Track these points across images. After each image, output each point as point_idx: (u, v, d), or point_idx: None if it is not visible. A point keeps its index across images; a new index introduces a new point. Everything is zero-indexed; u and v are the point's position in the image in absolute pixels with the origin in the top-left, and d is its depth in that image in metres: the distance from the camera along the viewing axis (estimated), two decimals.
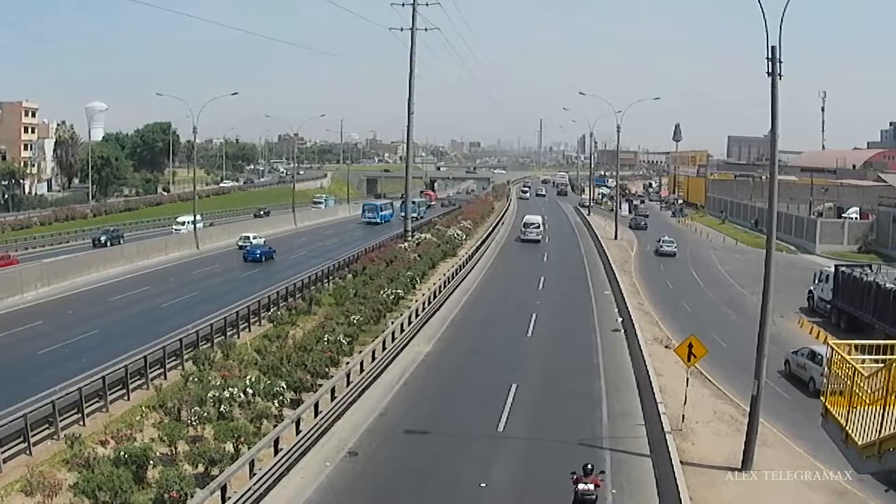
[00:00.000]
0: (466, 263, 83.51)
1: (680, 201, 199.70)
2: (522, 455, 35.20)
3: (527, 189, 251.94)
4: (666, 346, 54.14)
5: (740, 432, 36.15)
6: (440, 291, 66.60)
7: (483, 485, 31.29)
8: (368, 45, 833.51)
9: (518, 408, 40.93)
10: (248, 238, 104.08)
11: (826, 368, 24.13)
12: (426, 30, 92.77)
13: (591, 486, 27.58)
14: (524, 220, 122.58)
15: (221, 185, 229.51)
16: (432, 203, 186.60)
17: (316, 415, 35.60)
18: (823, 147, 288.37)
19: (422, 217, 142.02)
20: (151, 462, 29.94)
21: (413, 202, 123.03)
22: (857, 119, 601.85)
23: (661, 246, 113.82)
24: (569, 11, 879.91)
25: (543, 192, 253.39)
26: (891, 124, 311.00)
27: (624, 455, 35.37)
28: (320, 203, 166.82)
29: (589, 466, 28.11)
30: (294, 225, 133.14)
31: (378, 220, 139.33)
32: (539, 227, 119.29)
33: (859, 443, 20.15)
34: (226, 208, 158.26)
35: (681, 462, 32.31)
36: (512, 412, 40.13)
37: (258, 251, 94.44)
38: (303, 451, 32.76)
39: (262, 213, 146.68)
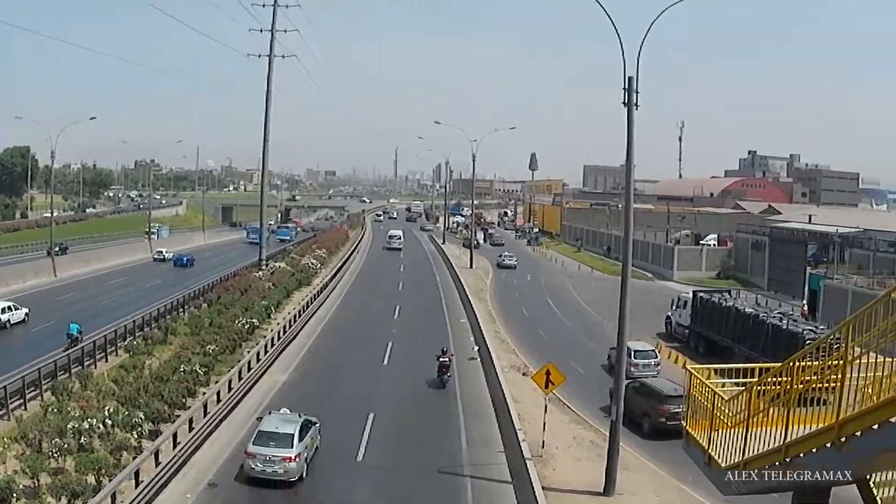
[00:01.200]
0: (321, 293, 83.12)
1: (535, 230, 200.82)
2: (382, 484, 34.85)
3: (381, 216, 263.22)
4: (523, 374, 54.10)
5: (601, 457, 36.33)
6: (295, 320, 66.08)
7: None
8: (224, 70, 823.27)
9: (376, 436, 40.70)
10: (162, 252, 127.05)
11: (685, 394, 24.20)
12: (283, 57, 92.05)
13: (446, 359, 52.23)
14: (389, 233, 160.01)
15: (88, 210, 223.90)
16: (298, 229, 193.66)
17: (175, 446, 34.84)
18: (681, 176, 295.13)
19: (292, 239, 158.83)
20: (14, 495, 29.05)
21: (286, 227, 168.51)
22: (715, 148, 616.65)
23: (503, 260, 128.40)
24: (428, 37, 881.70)
25: (395, 216, 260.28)
26: (749, 153, 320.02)
27: (485, 482, 35.31)
28: (154, 234, 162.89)
29: (444, 349, 54.37)
30: (150, 252, 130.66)
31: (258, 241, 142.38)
32: (400, 238, 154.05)
33: (723, 465, 20.18)
34: (82, 234, 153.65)
35: (543, 488, 32.32)
36: (370, 441, 39.91)
37: (184, 258, 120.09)
38: (163, 483, 32.05)
39: (58, 249, 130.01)
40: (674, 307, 78.35)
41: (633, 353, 56.20)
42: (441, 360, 52.04)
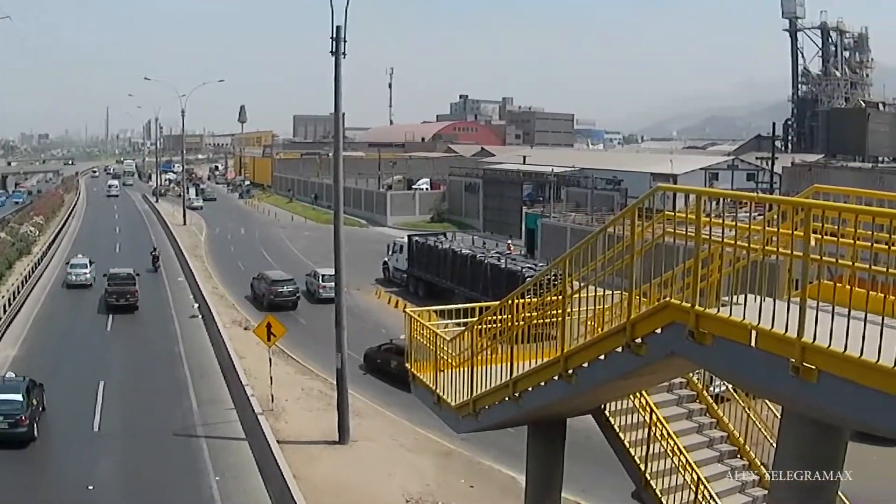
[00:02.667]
0: (41, 260, 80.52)
1: (247, 182, 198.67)
2: (120, 453, 34.23)
3: (97, 173, 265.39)
4: (245, 328, 54.14)
5: (332, 406, 36.74)
6: (19, 292, 63.53)
7: (90, 487, 30.42)
8: None
9: (109, 405, 39.84)
10: None
11: (405, 337, 24.51)
12: None
13: (157, 253, 76.17)
14: (108, 182, 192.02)
15: None
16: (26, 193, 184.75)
17: None
18: (392, 122, 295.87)
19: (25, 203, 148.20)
20: None
21: (19, 191, 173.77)
22: (427, 94, 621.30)
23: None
24: None
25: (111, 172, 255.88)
26: (461, 97, 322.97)
27: (220, 441, 35.31)
28: None
29: (154, 247, 78.73)
30: None
31: None
32: (117, 186, 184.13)
33: (453, 404, 20.62)
34: None
35: (278, 442, 32.56)
36: (104, 410, 39.04)
37: None
38: None
39: None
40: (390, 252, 79.01)
41: (321, 277, 66.99)
42: (153, 253, 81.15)
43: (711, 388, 21.90)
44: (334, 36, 33.78)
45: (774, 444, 14.21)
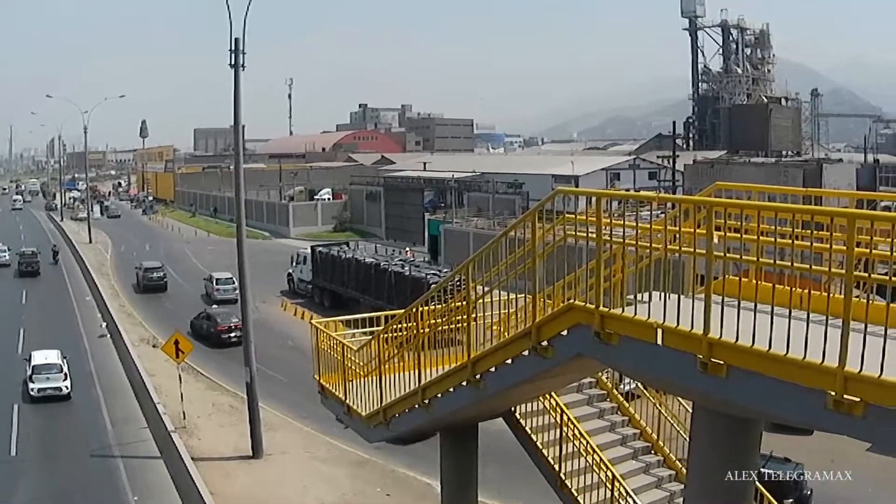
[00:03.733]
0: None
1: (150, 198, 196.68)
2: (39, 478, 33.79)
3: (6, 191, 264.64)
4: (154, 346, 53.51)
5: (243, 421, 36.50)
6: None
7: None
8: None
9: (25, 428, 39.46)
10: None
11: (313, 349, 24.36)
12: None
13: (56, 248, 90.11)
14: (12, 198, 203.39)
15: None
16: None
17: None
18: (291, 133, 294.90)
19: None
20: None
21: None
22: (326, 104, 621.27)
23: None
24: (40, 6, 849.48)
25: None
26: (360, 106, 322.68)
27: (136, 460, 35.12)
28: None
29: (54, 245, 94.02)
30: None
31: None
32: (21, 200, 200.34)
33: (363, 414, 20.56)
34: None
35: (192, 459, 32.34)
36: (20, 434, 38.64)
37: None
38: None
39: None
40: (294, 264, 78.83)
41: (215, 280, 73.54)
42: (54, 248, 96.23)
43: (621, 386, 22.02)
44: (233, 48, 33.59)
45: (688, 439, 14.23)
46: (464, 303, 16.31)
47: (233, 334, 55.18)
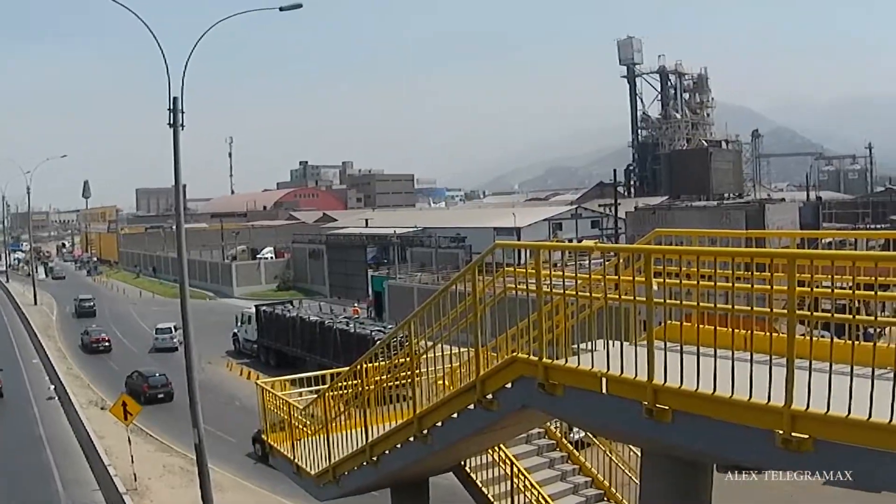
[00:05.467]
0: None
1: (94, 259, 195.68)
2: None
3: None
4: (102, 408, 52.99)
5: (194, 482, 36.13)
6: None
7: None
8: None
9: None
10: None
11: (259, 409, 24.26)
12: None
13: None
14: None
15: None
16: None
17: None
18: (233, 191, 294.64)
19: None
20: None
21: None
22: (267, 162, 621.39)
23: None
24: None
25: None
26: (301, 163, 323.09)
27: None
28: None
29: None
30: None
31: None
32: None
33: (312, 473, 20.39)
34: None
35: None
36: None
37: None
38: None
39: None
40: (239, 323, 78.78)
41: (155, 329, 79.25)
42: None
43: (572, 435, 21.97)
44: (171, 107, 33.45)
45: (639, 484, 14.24)
46: (408, 359, 16.30)
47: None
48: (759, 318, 10.36)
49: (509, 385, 13.21)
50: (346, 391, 19.20)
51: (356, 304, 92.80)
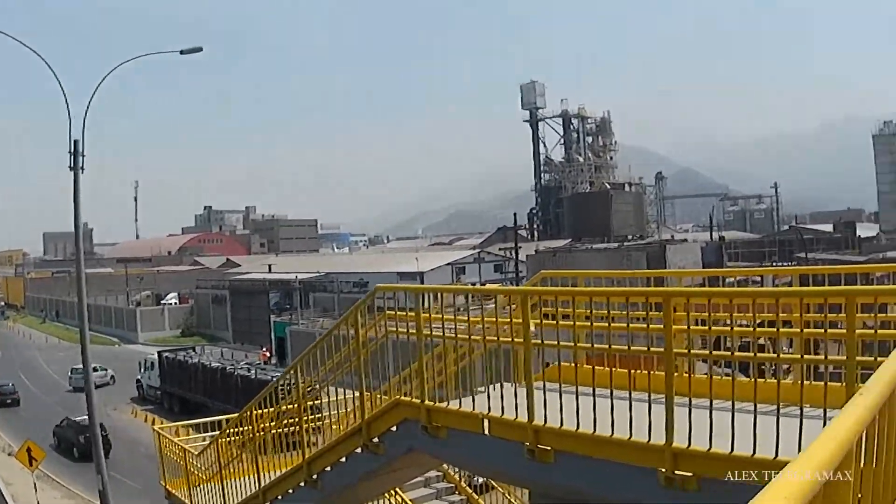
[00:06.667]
0: None
1: (2, 303, 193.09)
2: None
3: None
4: (9, 454, 52.26)
5: None
6: None
7: None
8: None
9: None
10: None
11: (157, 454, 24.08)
12: None
13: None
14: None
15: None
16: None
17: None
18: (138, 236, 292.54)
19: None
20: None
21: None
22: (172, 206, 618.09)
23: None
24: None
25: None
26: (205, 208, 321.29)
27: None
28: None
29: None
30: None
31: None
32: None
33: None
34: None
35: None
36: None
37: None
38: None
39: None
40: (142, 370, 78.21)
41: (70, 370, 77.80)
42: None
43: (475, 480, 22.00)
44: (72, 150, 33.05)
45: None
46: (295, 404, 16.25)
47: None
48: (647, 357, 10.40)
49: (395, 428, 13.22)
50: (237, 437, 19.05)
51: (263, 349, 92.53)
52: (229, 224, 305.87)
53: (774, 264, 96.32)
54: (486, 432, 11.17)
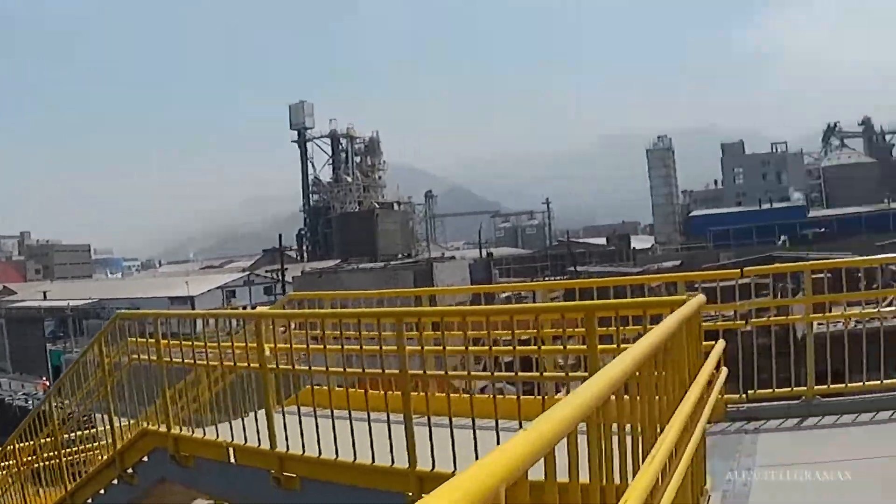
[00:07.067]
0: None
1: None
2: None
3: None
4: None
5: None
6: None
7: None
8: None
9: None
10: None
11: None
12: None
13: None
14: None
15: None
16: None
17: None
18: None
19: None
20: None
21: None
22: None
23: None
24: None
25: None
26: None
27: None
28: None
29: None
30: None
31: None
32: None
33: None
34: None
35: None
36: None
37: None
38: None
39: None
40: None
41: None
42: None
43: None
44: None
45: None
46: (52, 436, 15.98)
47: None
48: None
49: (146, 458, 13.11)
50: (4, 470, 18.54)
51: (43, 379, 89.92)
52: (5, 250, 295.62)
53: (546, 278, 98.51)
54: (232, 460, 11.18)
